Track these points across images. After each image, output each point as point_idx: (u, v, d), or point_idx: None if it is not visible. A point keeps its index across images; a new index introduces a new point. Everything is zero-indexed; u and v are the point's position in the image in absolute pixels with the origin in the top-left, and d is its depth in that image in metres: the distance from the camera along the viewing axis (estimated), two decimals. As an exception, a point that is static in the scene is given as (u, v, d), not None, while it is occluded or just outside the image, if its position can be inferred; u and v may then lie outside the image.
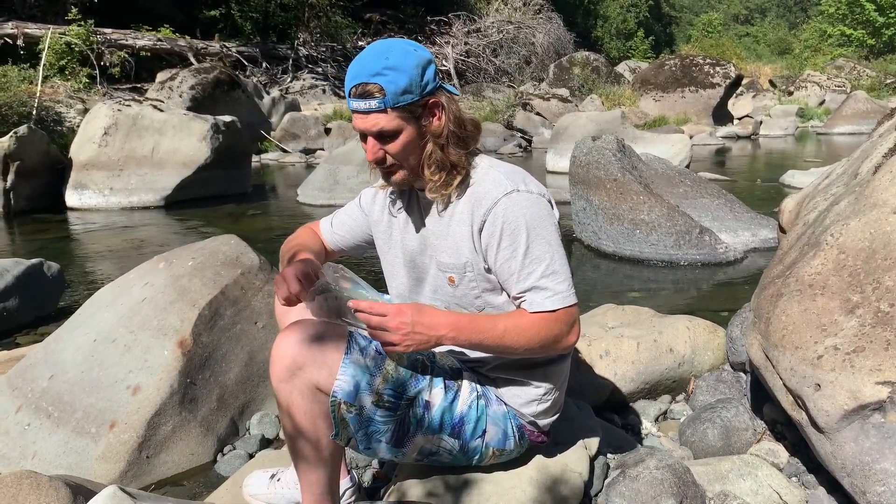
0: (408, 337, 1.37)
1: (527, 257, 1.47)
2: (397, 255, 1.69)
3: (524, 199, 1.48)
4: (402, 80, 1.41)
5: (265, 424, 2.33)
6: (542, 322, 1.47)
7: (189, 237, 5.95)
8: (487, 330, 1.44)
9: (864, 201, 1.86)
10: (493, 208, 1.47)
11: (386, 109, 1.41)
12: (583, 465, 1.77)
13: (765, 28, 50.53)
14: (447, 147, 1.49)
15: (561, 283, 1.48)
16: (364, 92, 1.41)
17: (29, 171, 6.96)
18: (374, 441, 1.48)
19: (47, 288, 3.72)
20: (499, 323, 1.46)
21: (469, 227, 1.52)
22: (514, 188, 1.49)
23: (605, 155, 4.91)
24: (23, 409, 2.18)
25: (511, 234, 1.47)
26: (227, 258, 2.51)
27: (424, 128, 1.47)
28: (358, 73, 1.42)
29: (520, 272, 1.48)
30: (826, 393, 1.60)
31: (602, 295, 3.94)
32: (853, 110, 15.99)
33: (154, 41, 16.17)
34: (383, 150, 1.47)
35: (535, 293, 1.47)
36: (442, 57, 21.15)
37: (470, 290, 1.57)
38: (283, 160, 11.81)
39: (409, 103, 1.43)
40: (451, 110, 1.49)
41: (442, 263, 1.58)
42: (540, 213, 1.50)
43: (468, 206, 1.52)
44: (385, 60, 1.40)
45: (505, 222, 1.47)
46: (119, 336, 2.25)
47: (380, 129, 1.43)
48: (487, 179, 1.52)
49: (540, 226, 1.48)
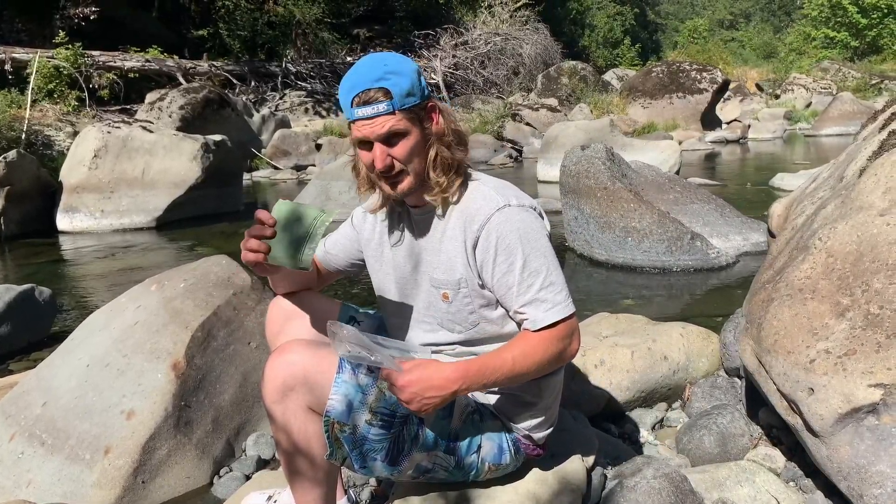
0: (421, 401, 1.37)
1: (524, 271, 1.47)
2: (388, 273, 1.69)
3: (516, 214, 1.49)
4: (405, 83, 1.43)
5: (261, 445, 2.32)
6: (545, 342, 1.47)
7: (182, 258, 5.93)
8: (497, 367, 1.44)
9: (851, 204, 1.88)
10: (486, 224, 1.48)
11: (394, 111, 1.43)
12: (580, 476, 1.76)
13: (750, 32, 50.93)
14: (452, 146, 1.51)
15: (559, 294, 1.49)
16: (369, 98, 1.42)
17: (19, 195, 6.93)
18: (369, 460, 1.47)
19: (39, 313, 3.70)
20: (506, 356, 1.45)
21: (462, 243, 1.52)
22: (505, 203, 1.50)
23: (594, 164, 4.93)
24: (16, 437, 2.16)
25: (506, 250, 1.47)
26: (219, 279, 2.50)
27: (427, 130, 1.49)
28: (357, 82, 1.43)
29: (518, 286, 1.48)
30: (819, 397, 1.60)
31: (596, 303, 3.95)
32: (840, 112, 16.12)
33: (142, 62, 16.19)
34: (391, 156, 1.46)
35: (536, 307, 1.48)
36: (430, 70, 21.22)
37: (464, 306, 1.57)
38: (275, 177, 11.81)
39: (413, 105, 1.45)
40: (447, 112, 1.53)
41: (436, 280, 1.58)
42: (532, 225, 1.51)
43: (460, 223, 1.53)
44: (385, 66, 1.43)
45: (499, 238, 1.47)
46: (112, 360, 2.24)
47: (389, 128, 1.43)
48: (478, 195, 1.53)
49: (534, 238, 1.49)
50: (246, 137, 12.40)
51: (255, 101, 17.13)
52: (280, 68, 19.43)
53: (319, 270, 1.84)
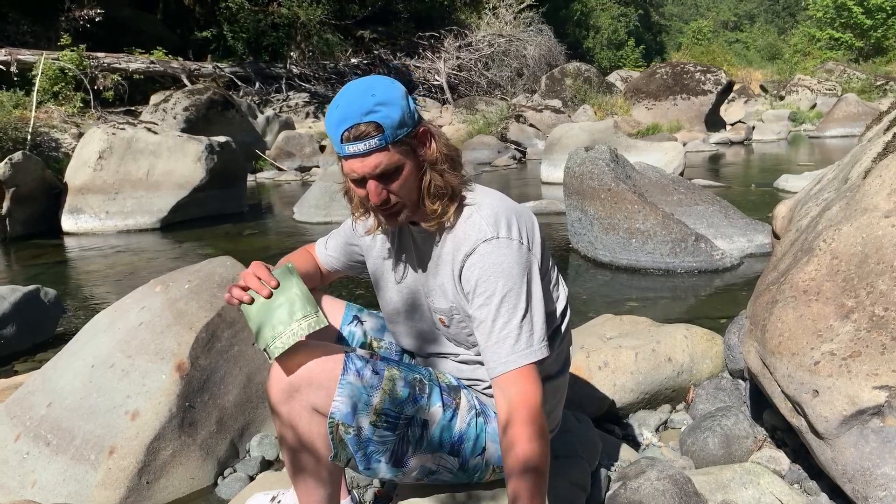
0: None
1: (502, 305, 1.41)
2: (389, 280, 1.68)
3: (503, 247, 1.44)
4: (395, 114, 1.37)
5: (265, 446, 2.32)
6: (522, 425, 1.34)
7: (186, 259, 5.94)
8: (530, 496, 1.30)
9: (856, 206, 1.87)
10: (471, 255, 1.45)
11: (387, 146, 1.37)
12: (584, 478, 1.76)
13: (754, 34, 50.85)
14: (446, 172, 1.46)
15: (532, 337, 1.41)
16: (360, 133, 1.35)
17: (25, 196, 6.96)
18: (373, 461, 1.47)
19: (44, 314, 3.71)
20: (518, 483, 1.31)
21: (451, 270, 1.50)
22: (493, 235, 1.44)
23: (598, 165, 4.93)
24: (21, 437, 2.17)
25: (486, 282, 1.42)
26: (224, 280, 2.51)
27: (422, 158, 1.44)
28: (345, 116, 1.36)
29: (493, 322, 1.41)
30: (824, 399, 1.60)
31: (600, 305, 3.95)
32: (844, 113, 16.07)
33: (147, 64, 16.25)
34: (386, 191, 1.42)
35: (499, 347, 1.40)
36: (434, 72, 21.27)
37: (461, 330, 1.56)
38: (279, 178, 11.83)
39: (406, 136, 1.40)
40: (439, 136, 1.47)
41: (432, 306, 1.58)
42: (517, 260, 1.44)
43: (451, 250, 1.50)
44: (372, 97, 1.35)
45: (482, 269, 1.43)
46: (117, 361, 2.24)
47: (383, 168, 1.38)
48: (469, 224, 1.48)
49: (515, 274, 1.43)
50: (250, 139, 12.42)
51: (259, 103, 17.18)
52: (284, 70, 19.49)
53: (321, 270, 1.85)
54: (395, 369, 1.51)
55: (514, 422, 1.35)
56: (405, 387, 1.50)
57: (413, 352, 1.76)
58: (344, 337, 1.80)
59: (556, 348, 1.60)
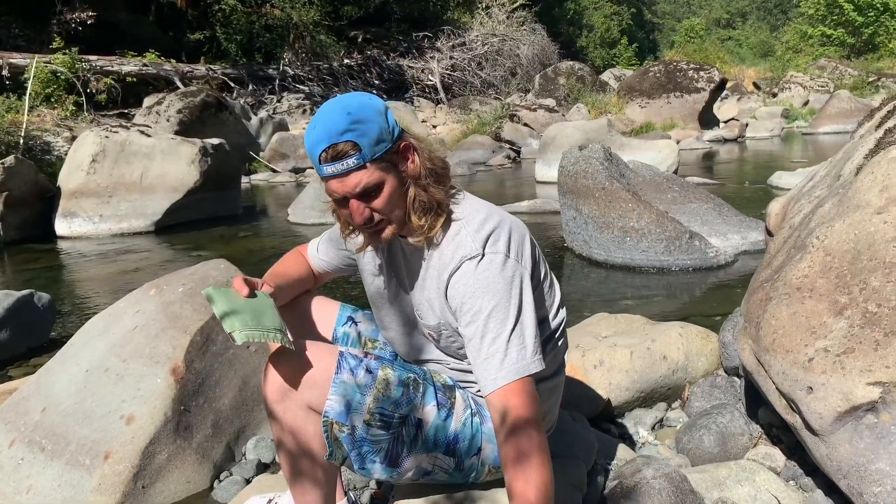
0: None
1: (489, 321, 1.39)
2: (380, 294, 1.68)
3: (487, 262, 1.42)
4: (372, 131, 1.36)
5: (261, 449, 2.32)
6: (521, 444, 1.31)
7: (180, 262, 5.93)
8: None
9: (848, 203, 1.88)
10: (456, 272, 1.44)
11: (365, 164, 1.36)
12: (580, 477, 1.76)
13: (747, 31, 51.00)
14: (430, 187, 1.45)
15: (523, 350, 1.39)
16: (337, 153, 1.34)
17: (18, 200, 6.93)
18: (368, 461, 1.47)
19: (38, 319, 3.70)
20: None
21: (437, 287, 1.50)
22: (478, 252, 1.42)
23: (592, 164, 4.93)
24: (16, 442, 2.16)
25: (472, 298, 1.40)
26: (218, 282, 2.50)
27: (404, 173, 1.43)
28: (321, 136, 1.35)
29: (481, 339, 1.39)
30: (818, 395, 1.60)
31: (595, 303, 3.95)
32: (837, 109, 16.10)
33: (140, 66, 16.18)
34: (369, 209, 1.41)
35: (488, 364, 1.38)
36: (428, 72, 21.25)
37: (451, 344, 1.56)
38: (273, 180, 11.81)
39: (385, 152, 1.38)
40: (421, 149, 1.46)
41: (420, 321, 1.58)
42: (503, 274, 1.41)
43: (437, 266, 1.49)
44: (348, 116, 1.34)
45: (466, 286, 1.42)
46: (111, 365, 2.24)
47: (363, 187, 1.37)
48: (455, 240, 1.46)
49: (501, 289, 1.40)
50: (244, 141, 12.39)
51: (253, 105, 17.13)
52: (277, 71, 19.44)
53: (314, 272, 1.85)
54: (389, 368, 1.51)
55: (509, 443, 1.32)
56: (399, 386, 1.50)
57: (406, 360, 1.76)
58: (338, 338, 1.80)
59: (551, 351, 1.60)
